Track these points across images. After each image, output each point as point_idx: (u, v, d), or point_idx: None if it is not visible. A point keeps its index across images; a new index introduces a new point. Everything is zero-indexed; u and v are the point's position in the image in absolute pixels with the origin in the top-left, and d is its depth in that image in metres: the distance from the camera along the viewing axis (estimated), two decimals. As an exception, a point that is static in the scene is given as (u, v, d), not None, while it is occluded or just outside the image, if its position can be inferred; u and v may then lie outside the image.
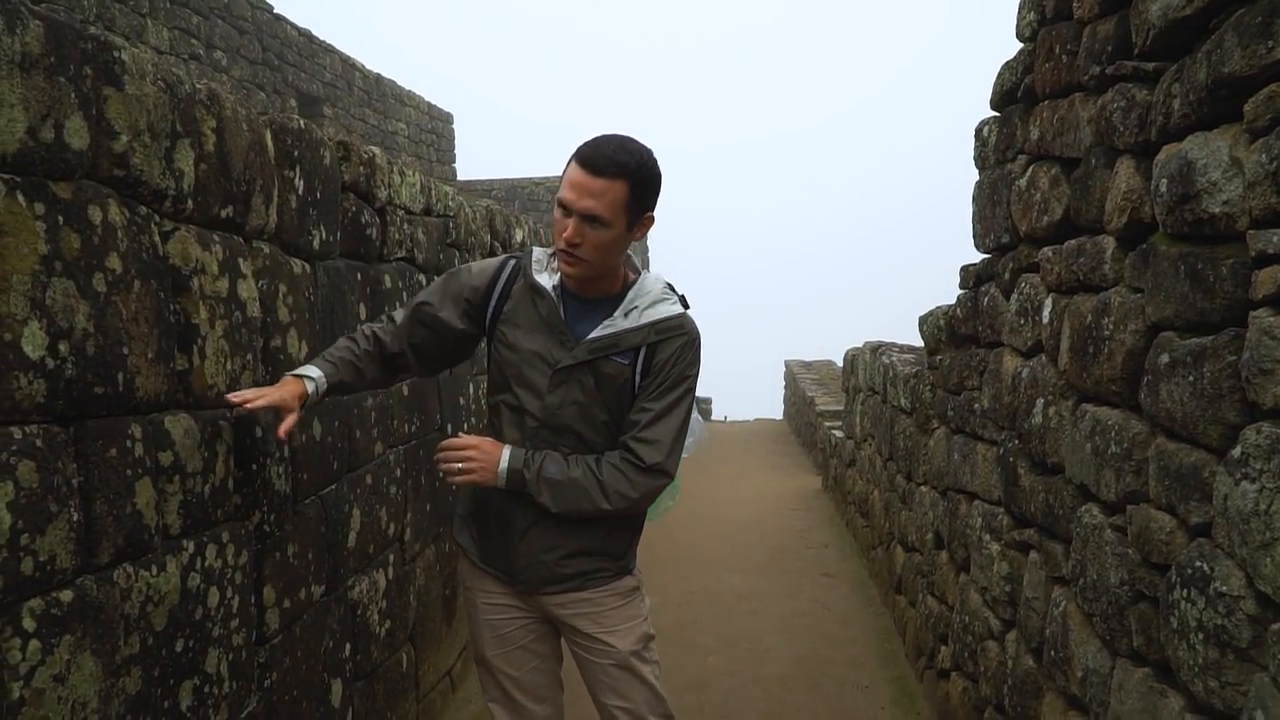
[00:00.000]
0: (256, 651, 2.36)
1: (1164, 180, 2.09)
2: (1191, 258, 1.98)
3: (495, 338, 2.40)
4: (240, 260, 2.31)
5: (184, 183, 2.05)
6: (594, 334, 2.30)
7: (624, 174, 2.15)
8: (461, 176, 19.66)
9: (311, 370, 2.33)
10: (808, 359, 19.64)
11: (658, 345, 2.30)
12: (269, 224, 2.48)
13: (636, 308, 2.31)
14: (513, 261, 2.42)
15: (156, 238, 1.96)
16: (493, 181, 19.76)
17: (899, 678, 4.66)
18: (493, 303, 2.40)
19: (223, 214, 2.24)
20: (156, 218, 1.98)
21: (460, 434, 2.42)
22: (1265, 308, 1.72)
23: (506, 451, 2.30)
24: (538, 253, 2.40)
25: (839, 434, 8.84)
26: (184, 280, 2.06)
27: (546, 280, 2.34)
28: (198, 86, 2.15)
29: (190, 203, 2.09)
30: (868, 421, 6.99)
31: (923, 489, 4.74)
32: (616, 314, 2.31)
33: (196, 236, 2.12)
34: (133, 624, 1.80)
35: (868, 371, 7.15)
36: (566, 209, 2.18)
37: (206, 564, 2.10)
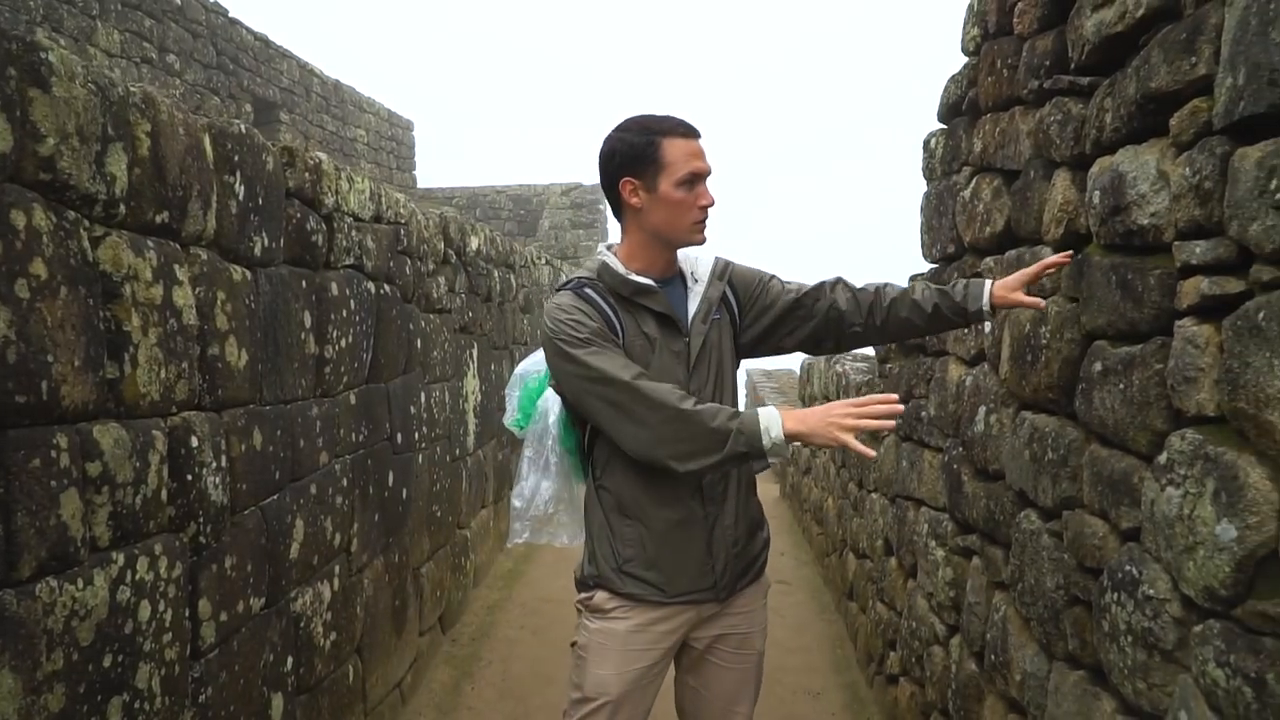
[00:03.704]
0: (191, 666, 2.33)
1: (1097, 192, 2.12)
2: (1122, 268, 2.01)
3: None
4: (176, 267, 2.28)
5: (116, 187, 2.02)
6: (692, 309, 2.34)
7: None
8: (422, 184, 19.56)
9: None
10: (769, 368, 19.74)
11: (732, 282, 2.42)
12: (207, 230, 2.45)
13: (694, 270, 2.38)
14: (587, 289, 2.27)
15: (86, 243, 1.93)
16: (454, 190, 19.68)
17: (850, 684, 4.68)
18: (619, 334, 2.26)
19: (157, 219, 2.21)
20: (86, 223, 1.95)
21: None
22: (1189, 317, 1.75)
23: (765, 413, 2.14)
24: (605, 258, 2.30)
25: (796, 442, 8.88)
26: (115, 287, 2.03)
27: (649, 278, 2.30)
28: (132, 89, 2.12)
29: (122, 208, 2.06)
30: (823, 429, 7.01)
31: (873, 496, 4.77)
32: (690, 284, 2.37)
33: (129, 242, 2.08)
34: (56, 639, 1.76)
35: (822, 380, 7.20)
36: (696, 177, 2.23)
37: (137, 577, 2.06)
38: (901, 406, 2.16)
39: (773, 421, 2.10)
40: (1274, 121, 1.51)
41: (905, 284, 2.56)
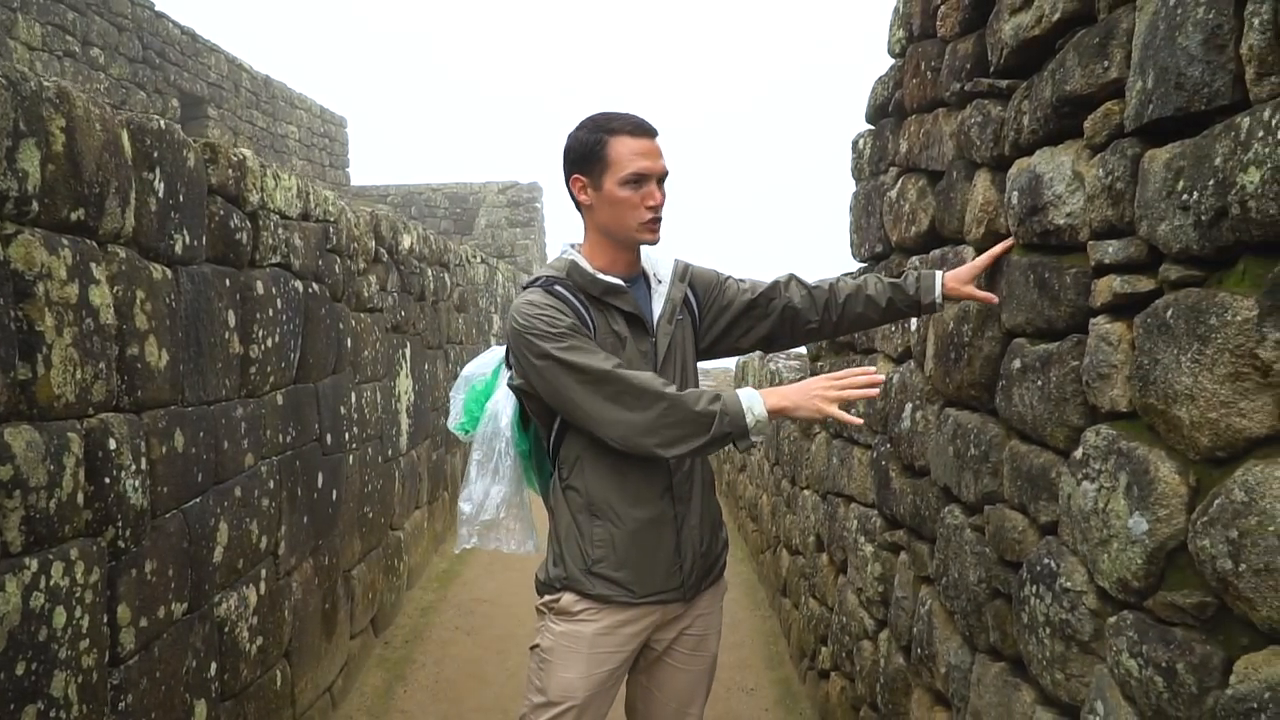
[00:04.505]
0: (110, 673, 2.27)
1: (1015, 193, 2.17)
2: (1040, 267, 2.06)
3: None
4: (93, 265, 2.22)
5: (28, 184, 1.97)
6: (657, 310, 2.34)
7: None
8: (356, 182, 19.32)
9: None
10: (705, 366, 19.85)
11: (693, 284, 2.44)
12: (125, 227, 2.39)
13: (656, 271, 2.39)
14: (557, 286, 2.24)
15: (-5, 241, 1.87)
16: (389, 187, 19.49)
17: (784, 679, 4.73)
18: (591, 331, 2.25)
19: (73, 217, 2.15)
20: (-4, 220, 1.89)
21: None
22: (1103, 315, 1.79)
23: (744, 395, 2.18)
24: (573, 258, 2.29)
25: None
26: (27, 286, 1.97)
27: (614, 277, 2.29)
28: (45, 84, 2.06)
29: (35, 205, 2.01)
30: (757, 427, 7.07)
31: (805, 493, 4.82)
32: (654, 284, 2.37)
33: (42, 240, 2.03)
34: (-35, 647, 1.71)
35: (756, 378, 7.26)
36: (643, 177, 2.20)
37: (52, 583, 2.01)
38: (881, 377, 2.22)
39: (754, 401, 2.16)
40: (1181, 124, 1.55)
41: (856, 278, 2.60)
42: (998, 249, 2.32)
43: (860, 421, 2.29)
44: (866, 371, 2.19)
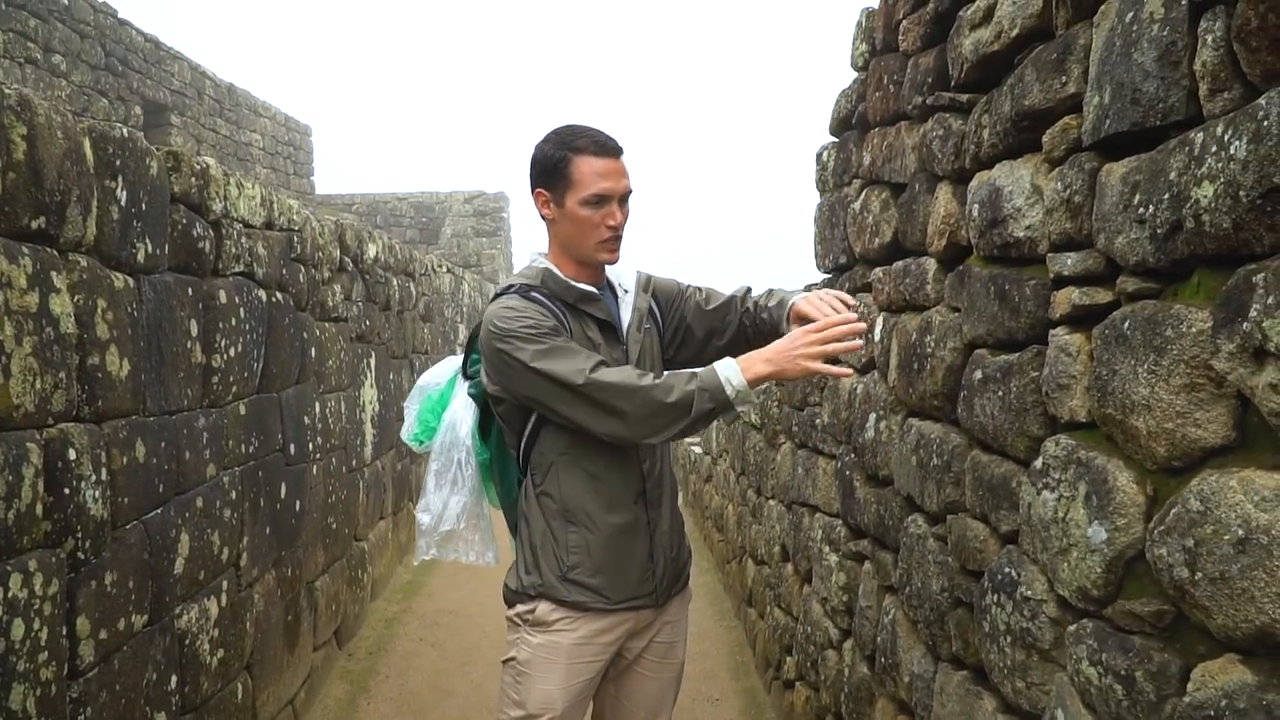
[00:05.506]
0: (69, 686, 2.24)
1: (976, 205, 2.20)
2: (1000, 279, 2.09)
3: None
4: (53, 274, 2.20)
5: (-13, 191, 1.94)
6: (625, 319, 2.35)
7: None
8: (321, 190, 19.18)
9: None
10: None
11: (655, 294, 2.47)
12: (87, 236, 2.37)
13: (621, 282, 2.40)
14: (533, 293, 2.25)
15: (-47, 249, 1.85)
16: (354, 196, 19.38)
17: (749, 689, 4.74)
18: (569, 337, 2.24)
19: (33, 225, 2.13)
20: (-47, 228, 1.87)
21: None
22: (1062, 326, 1.82)
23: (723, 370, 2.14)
24: (546, 265, 2.31)
25: (697, 450, 8.97)
26: (-15, 294, 1.94)
27: (584, 285, 2.30)
28: (6, 92, 2.04)
29: (-5, 213, 1.98)
30: (722, 437, 7.11)
31: (771, 503, 4.84)
32: (620, 294, 2.38)
33: (1, 249, 2.00)
34: (-82, 661, 1.68)
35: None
36: (605, 198, 2.19)
37: (10, 595, 1.98)
38: (864, 325, 2.20)
39: (732, 371, 2.13)
40: (1137, 138, 1.59)
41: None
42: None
43: (850, 373, 2.26)
44: (848, 319, 2.14)
